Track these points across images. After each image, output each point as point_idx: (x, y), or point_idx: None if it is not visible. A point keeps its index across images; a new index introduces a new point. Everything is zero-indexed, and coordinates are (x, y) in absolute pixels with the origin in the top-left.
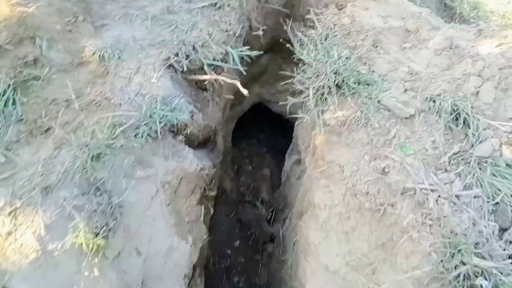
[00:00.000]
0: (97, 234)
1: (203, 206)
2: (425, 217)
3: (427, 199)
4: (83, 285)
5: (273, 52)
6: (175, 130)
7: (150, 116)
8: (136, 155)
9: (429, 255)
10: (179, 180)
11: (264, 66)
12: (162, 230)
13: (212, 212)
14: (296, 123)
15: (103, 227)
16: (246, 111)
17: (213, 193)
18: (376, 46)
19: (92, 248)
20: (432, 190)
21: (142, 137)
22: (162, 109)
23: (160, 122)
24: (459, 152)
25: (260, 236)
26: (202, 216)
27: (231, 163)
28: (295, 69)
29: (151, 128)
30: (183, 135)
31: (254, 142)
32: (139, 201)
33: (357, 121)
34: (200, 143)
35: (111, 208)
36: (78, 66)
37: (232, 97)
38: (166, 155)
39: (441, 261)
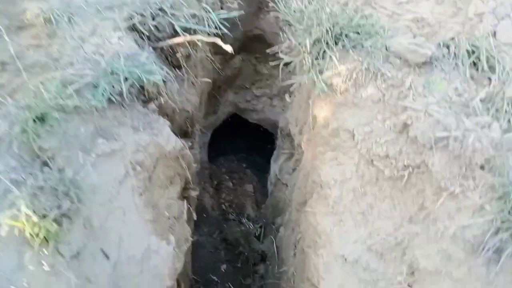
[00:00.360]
0: (44, 217)
1: (185, 202)
2: (466, 168)
3: (464, 146)
4: (26, 284)
5: (246, 53)
6: (145, 96)
7: (112, 73)
8: (95, 124)
9: (481, 209)
10: (155, 163)
11: (238, 68)
12: (136, 227)
13: (194, 219)
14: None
15: (53, 208)
16: (221, 122)
17: (195, 193)
18: (370, 4)
19: (38, 235)
20: (468, 136)
21: (102, 99)
22: (127, 66)
23: (125, 80)
24: (486, 96)
25: (250, 256)
26: (185, 214)
27: (210, 179)
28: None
29: (113, 87)
30: (156, 105)
31: (232, 158)
32: (103, 186)
33: (364, 75)
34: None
35: (64, 187)
36: (18, 29)
37: (209, 80)
38: (135, 126)
39: (501, 210)
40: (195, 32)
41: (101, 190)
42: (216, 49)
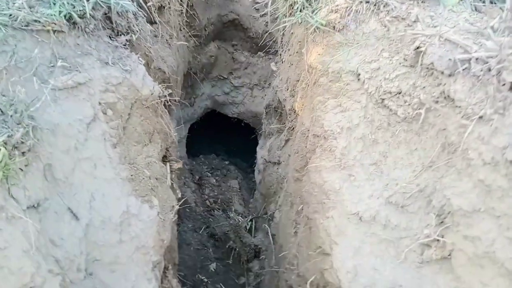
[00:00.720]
0: None
1: (168, 166)
2: (493, 91)
3: (488, 68)
4: None
5: (222, 40)
6: (113, 30)
7: None
8: (53, 49)
9: None
10: (129, 109)
11: (214, 56)
12: (111, 185)
13: (178, 196)
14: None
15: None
16: (199, 118)
17: (178, 165)
18: None
19: None
20: (491, 57)
21: (60, 19)
22: None
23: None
24: (501, 23)
25: (242, 252)
26: (169, 179)
27: (191, 175)
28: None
29: (74, 7)
30: (126, 39)
31: (213, 156)
32: (66, 127)
33: (365, 8)
34: None
35: (15, 113)
36: None
37: (185, 43)
38: (103, 59)
39: None
40: None
41: (64, 132)
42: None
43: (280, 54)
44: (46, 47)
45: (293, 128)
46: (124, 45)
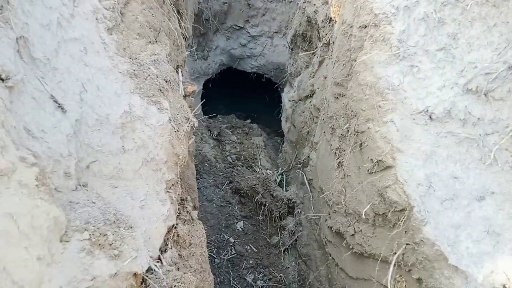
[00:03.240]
0: None
1: (180, 73)
2: None
3: None
4: None
5: None
6: None
7: None
8: None
9: None
10: None
11: (227, 2)
12: (107, 77)
13: (195, 125)
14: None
15: None
16: (214, 75)
17: (192, 88)
18: None
19: None
20: None
21: None
22: None
23: None
24: None
25: (273, 207)
26: (181, 86)
27: (208, 131)
28: None
29: None
30: None
31: (232, 116)
32: None
33: None
34: None
35: None
36: None
37: None
38: None
39: None
40: None
41: (43, 1)
42: None
43: None
44: None
45: (328, 43)
46: None
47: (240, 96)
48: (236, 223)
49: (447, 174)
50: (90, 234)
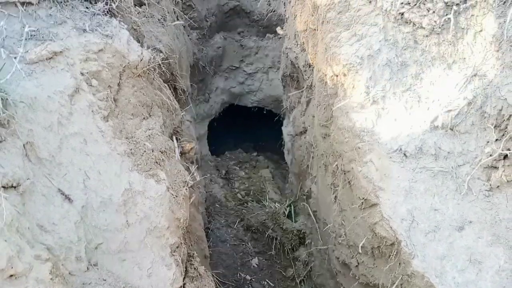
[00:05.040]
0: None
1: (175, 140)
2: None
3: None
4: None
5: (227, 31)
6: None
7: None
8: (23, 22)
9: None
10: (118, 78)
11: (221, 47)
12: (107, 162)
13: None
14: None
15: None
16: (217, 114)
17: (190, 145)
18: None
19: None
20: None
21: None
22: None
23: None
24: None
25: (284, 240)
26: (177, 153)
27: (217, 171)
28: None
29: None
30: (105, 5)
31: (239, 150)
32: (45, 101)
33: None
34: None
35: None
36: None
37: (181, 22)
38: (80, 27)
39: None
40: None
41: (44, 107)
42: None
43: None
44: (14, 20)
45: (311, 86)
46: (104, 12)
47: (244, 129)
48: (251, 260)
49: (427, 207)
50: None
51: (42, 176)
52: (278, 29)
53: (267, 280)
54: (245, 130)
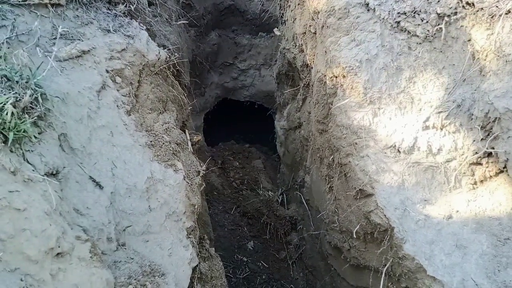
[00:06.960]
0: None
1: (187, 132)
2: None
3: None
4: None
5: (222, 28)
6: (110, 2)
7: None
8: (54, 22)
9: None
10: (138, 76)
11: (216, 44)
12: (131, 152)
13: (202, 172)
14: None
15: (8, 96)
16: (212, 107)
17: (198, 138)
18: None
19: None
20: None
21: None
22: None
23: None
24: None
25: (277, 225)
26: (189, 145)
27: (213, 161)
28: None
29: None
30: (126, 7)
31: (232, 142)
32: (76, 96)
33: None
34: None
35: (21, 79)
36: None
37: (185, 22)
38: (104, 28)
39: None
40: None
41: (75, 101)
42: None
43: (282, 16)
44: (46, 21)
45: (308, 84)
46: (124, 13)
47: (237, 122)
48: (247, 243)
49: (418, 198)
50: (133, 287)
51: (75, 164)
52: (275, 30)
53: (261, 262)
54: (237, 123)
